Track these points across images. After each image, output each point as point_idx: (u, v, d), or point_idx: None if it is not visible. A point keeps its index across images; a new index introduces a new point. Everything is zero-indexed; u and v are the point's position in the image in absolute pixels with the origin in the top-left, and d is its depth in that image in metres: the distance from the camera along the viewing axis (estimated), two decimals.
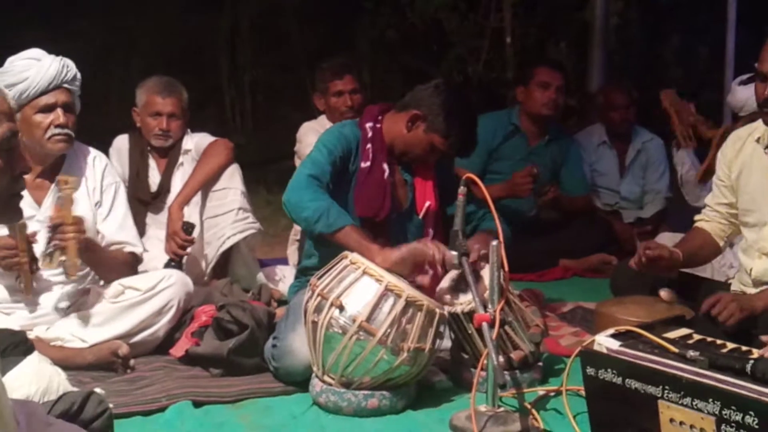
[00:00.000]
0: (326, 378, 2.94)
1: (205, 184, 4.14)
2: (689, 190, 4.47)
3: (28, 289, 3.28)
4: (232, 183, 4.16)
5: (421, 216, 3.48)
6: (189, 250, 4.03)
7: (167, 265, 3.93)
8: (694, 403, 2.22)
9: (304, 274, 3.48)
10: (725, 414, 2.16)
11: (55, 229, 3.25)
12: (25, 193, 3.24)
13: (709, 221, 3.44)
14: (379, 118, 3.47)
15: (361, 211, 3.34)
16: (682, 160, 4.46)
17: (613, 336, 2.51)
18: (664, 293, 3.29)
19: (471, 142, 3.48)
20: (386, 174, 3.41)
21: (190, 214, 4.11)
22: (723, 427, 2.17)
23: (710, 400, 2.19)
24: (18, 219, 1.77)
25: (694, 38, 9.01)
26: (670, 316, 2.84)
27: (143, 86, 4.31)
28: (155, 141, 4.26)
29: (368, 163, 3.40)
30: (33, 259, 3.24)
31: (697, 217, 3.50)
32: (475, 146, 3.52)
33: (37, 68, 3.30)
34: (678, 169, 4.56)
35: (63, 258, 3.26)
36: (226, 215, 4.13)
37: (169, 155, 4.31)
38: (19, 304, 3.37)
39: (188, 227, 3.99)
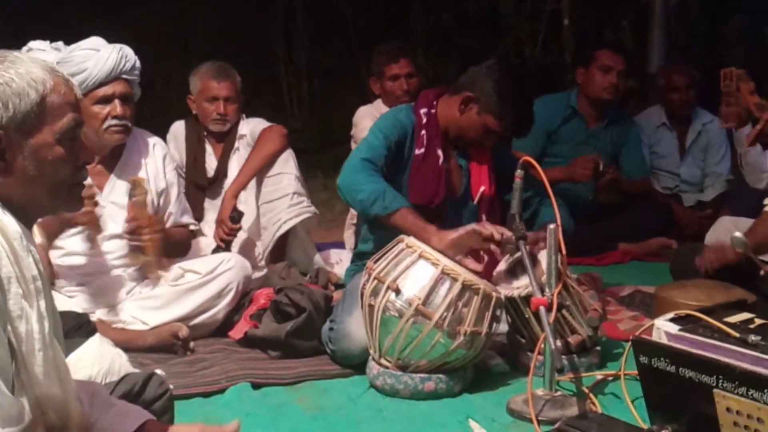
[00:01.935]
0: (383, 361, 2.95)
1: (259, 171, 4.17)
2: (749, 171, 4.37)
3: (94, 237, 3.33)
4: (286, 168, 4.19)
5: (476, 201, 3.46)
6: (236, 237, 4.08)
7: (215, 251, 3.99)
8: (749, 393, 2.17)
9: (360, 257, 3.50)
10: None
11: (133, 231, 3.31)
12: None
13: None
14: (434, 103, 3.44)
15: (415, 198, 3.32)
16: (742, 140, 4.36)
17: (673, 320, 2.48)
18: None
19: (527, 122, 3.40)
20: (440, 160, 3.39)
21: (246, 199, 4.15)
22: None
23: (766, 390, 2.13)
24: (79, 208, 1.81)
25: (757, 18, 8.78)
26: (732, 300, 2.79)
27: (197, 73, 4.35)
28: (213, 126, 4.31)
29: (422, 150, 3.38)
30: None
31: (766, 201, 3.42)
32: (531, 125, 3.43)
33: (95, 59, 3.31)
34: (738, 149, 4.47)
35: (143, 258, 3.35)
36: (281, 200, 4.16)
37: (225, 140, 4.36)
38: (82, 287, 3.43)
39: (236, 216, 4.02)
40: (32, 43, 3.48)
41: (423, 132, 3.39)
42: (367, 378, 3.02)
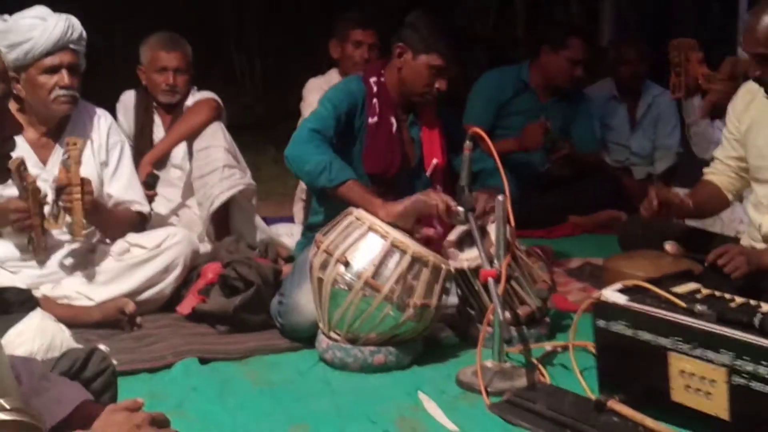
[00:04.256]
0: (332, 334, 2.94)
1: (181, 141, 4.08)
2: (698, 141, 4.40)
3: (40, 250, 3.27)
4: (214, 141, 4.04)
5: (428, 173, 3.46)
6: (154, 201, 3.94)
7: None
8: (705, 354, 2.23)
9: (310, 230, 3.47)
10: (737, 365, 2.18)
11: (61, 190, 3.22)
12: (30, 152, 3.30)
13: (718, 174, 3.40)
14: (382, 72, 3.45)
15: (370, 167, 3.33)
16: (691, 110, 4.37)
17: (621, 291, 2.50)
18: (669, 246, 3.25)
19: (459, 48, 3.44)
20: (394, 128, 3.40)
21: (181, 176, 4.10)
22: (734, 378, 2.18)
23: (722, 350, 2.19)
24: (4, 180, 1.75)
25: None
26: (679, 271, 2.81)
27: (147, 43, 4.26)
28: (162, 97, 4.22)
29: (375, 119, 3.38)
30: (44, 221, 3.23)
31: (706, 170, 3.46)
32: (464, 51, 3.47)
33: (42, 28, 3.26)
34: (686, 119, 4.48)
35: (69, 219, 3.25)
36: (212, 174, 4.00)
37: (174, 112, 4.27)
38: (26, 263, 3.36)
39: (151, 180, 3.92)
40: None
41: (375, 100, 3.39)
42: (317, 352, 3.01)
